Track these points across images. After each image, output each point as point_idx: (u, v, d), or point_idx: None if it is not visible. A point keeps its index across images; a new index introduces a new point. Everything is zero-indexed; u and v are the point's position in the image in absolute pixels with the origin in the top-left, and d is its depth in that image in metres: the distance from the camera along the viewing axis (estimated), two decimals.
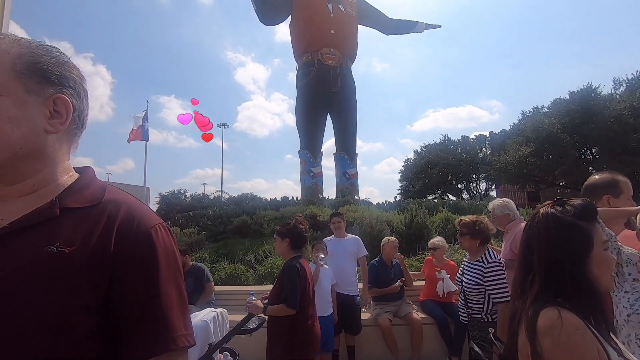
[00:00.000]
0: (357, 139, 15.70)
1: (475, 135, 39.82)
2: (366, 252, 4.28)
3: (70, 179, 0.75)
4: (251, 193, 35.74)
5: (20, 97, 0.65)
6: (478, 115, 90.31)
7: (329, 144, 30.06)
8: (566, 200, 1.07)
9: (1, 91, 0.63)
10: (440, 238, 4.71)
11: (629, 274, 1.68)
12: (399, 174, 41.58)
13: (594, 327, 0.89)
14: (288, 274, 2.53)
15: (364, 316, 4.30)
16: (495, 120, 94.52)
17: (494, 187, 38.03)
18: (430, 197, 35.88)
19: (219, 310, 3.61)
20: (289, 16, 15.50)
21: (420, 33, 18.06)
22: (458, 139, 38.81)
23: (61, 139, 0.73)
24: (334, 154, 15.43)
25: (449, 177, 37.55)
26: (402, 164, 42.10)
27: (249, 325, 2.62)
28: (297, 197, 14.62)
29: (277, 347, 2.48)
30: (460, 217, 3.19)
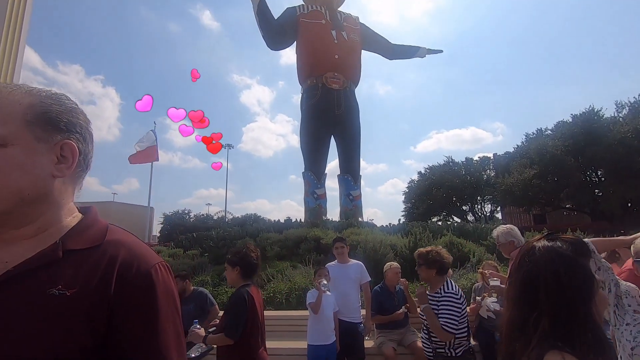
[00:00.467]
0: (361, 160, 15.80)
1: (479, 157, 39.84)
2: (369, 278, 4.24)
3: (73, 220, 0.77)
4: (255, 214, 35.74)
5: (30, 145, 0.69)
6: (481, 137, 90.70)
7: (332, 164, 30.15)
8: (558, 235, 1.04)
9: (13, 140, 0.67)
10: None
11: (629, 305, 1.66)
12: (403, 196, 41.44)
13: None
14: (234, 303, 2.52)
15: (368, 344, 4.21)
16: (499, 142, 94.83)
17: (499, 209, 37.68)
18: (435, 219, 35.60)
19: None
20: (295, 42, 15.96)
21: (423, 58, 18.45)
22: (462, 161, 38.82)
23: (67, 182, 0.76)
24: (338, 175, 15.49)
25: (454, 198, 37.32)
26: (406, 185, 42.03)
27: (190, 353, 2.63)
28: (300, 219, 14.58)
29: None
30: (419, 249, 3.19)
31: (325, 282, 3.67)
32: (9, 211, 0.68)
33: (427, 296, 2.96)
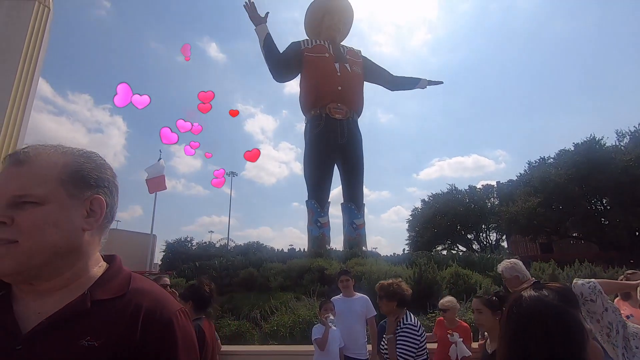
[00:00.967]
0: (364, 187, 15.88)
1: (482, 185, 39.87)
2: (375, 312, 4.18)
3: (99, 270, 0.83)
4: (257, 242, 35.54)
5: (64, 202, 0.75)
6: (484, 164, 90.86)
7: (335, 192, 30.20)
8: (545, 284, 1.04)
9: (49, 199, 0.74)
10: (450, 298, 4.58)
11: (636, 347, 1.65)
12: (407, 224, 41.15)
13: None
14: None
15: None
16: (502, 170, 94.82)
17: (504, 237, 37.25)
18: (439, 248, 35.14)
19: None
20: (299, 74, 16.50)
21: (424, 89, 18.94)
22: (465, 189, 38.81)
23: (94, 233, 0.82)
24: (342, 204, 15.52)
25: (458, 227, 37.01)
26: (410, 213, 41.84)
27: None
28: (303, 248, 14.49)
29: None
30: (380, 281, 3.24)
31: (331, 317, 3.63)
32: (44, 265, 0.73)
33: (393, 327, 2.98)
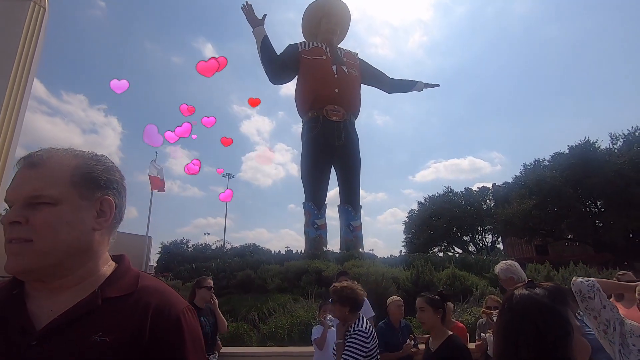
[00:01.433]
0: (360, 189, 15.92)
1: (478, 187, 40.05)
2: (373, 313, 4.21)
3: (109, 269, 0.86)
4: (254, 244, 35.46)
5: (75, 203, 0.78)
6: (480, 166, 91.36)
7: (332, 193, 30.19)
8: (538, 283, 1.08)
9: (62, 200, 0.76)
10: None
11: (633, 345, 1.69)
12: (403, 225, 41.24)
13: None
14: None
15: None
16: (497, 172, 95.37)
17: (500, 239, 37.43)
18: (436, 250, 35.27)
19: None
20: (296, 76, 16.53)
21: (420, 92, 19.06)
22: (461, 191, 38.97)
23: (104, 233, 0.85)
24: (338, 206, 15.54)
25: (454, 229, 37.16)
26: (406, 215, 41.94)
27: None
28: (300, 249, 14.49)
29: None
30: (334, 284, 3.10)
31: (330, 317, 3.65)
32: (57, 264, 0.76)
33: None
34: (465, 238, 38.55)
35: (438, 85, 19.28)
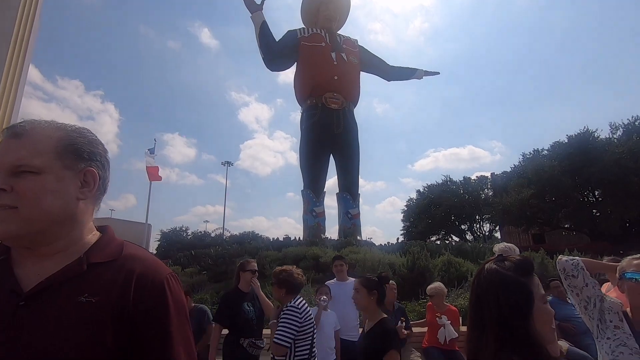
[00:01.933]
0: (359, 178, 15.96)
1: (477, 176, 40.09)
2: None
3: (93, 237, 0.89)
4: (253, 231, 35.66)
5: (60, 173, 0.80)
6: (479, 155, 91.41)
7: (330, 182, 30.15)
8: (507, 256, 1.13)
9: (46, 169, 0.78)
10: (436, 284, 4.67)
11: (610, 321, 1.74)
12: (402, 214, 41.45)
13: None
14: None
15: None
16: (497, 161, 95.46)
17: (497, 228, 37.65)
18: (434, 238, 35.51)
19: None
20: (295, 63, 16.38)
21: (420, 79, 18.94)
22: (460, 180, 39.02)
23: (88, 203, 0.87)
24: (337, 193, 15.60)
25: (452, 217, 37.34)
26: (405, 203, 42.10)
27: None
28: (299, 237, 14.61)
29: None
30: (276, 267, 3.20)
31: (325, 297, 3.72)
32: (42, 231, 0.78)
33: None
34: (463, 227, 38.78)
35: (438, 73, 19.16)
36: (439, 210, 36.13)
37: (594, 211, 27.02)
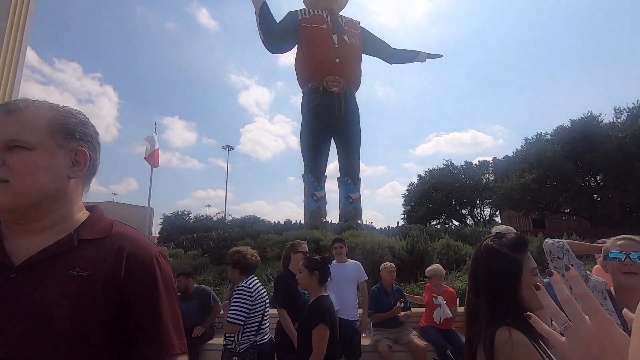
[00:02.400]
0: (360, 162, 15.95)
1: (478, 161, 40.00)
2: (367, 277, 4.37)
3: (83, 216, 0.91)
4: (254, 215, 35.89)
5: (52, 150, 0.83)
6: (482, 140, 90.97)
7: (332, 166, 30.18)
8: (504, 234, 1.24)
9: (39, 146, 0.81)
10: (435, 265, 4.76)
11: None
12: (402, 199, 41.59)
13: (535, 342, 1.05)
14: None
15: (364, 342, 4.32)
16: (500, 146, 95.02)
17: (498, 213, 37.80)
18: (434, 223, 35.70)
19: None
20: (295, 45, 16.13)
21: (423, 62, 18.65)
22: (461, 165, 38.97)
23: (78, 183, 0.90)
24: (338, 178, 15.63)
25: (453, 202, 37.47)
26: (406, 188, 42.20)
27: None
28: (300, 220, 14.73)
29: None
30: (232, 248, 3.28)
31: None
32: (32, 205, 0.80)
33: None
34: (463, 211, 38.95)
35: (441, 55, 18.84)
36: (440, 194, 36.22)
37: (594, 196, 27.04)
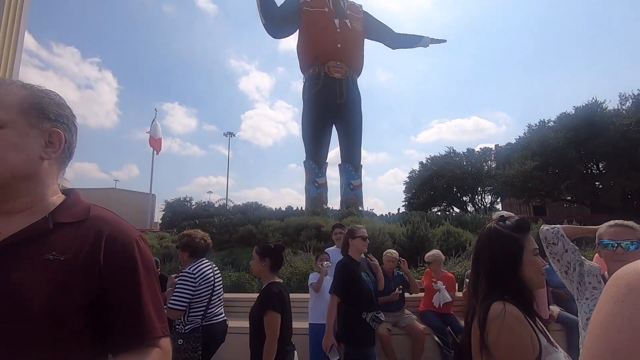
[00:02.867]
0: (362, 149, 15.89)
1: (480, 148, 39.78)
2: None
3: (58, 199, 0.89)
4: (256, 202, 36.06)
5: (23, 130, 0.80)
6: (484, 127, 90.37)
7: (333, 153, 30.10)
8: (507, 216, 1.30)
9: (9, 124, 0.78)
10: (435, 251, 4.82)
11: (589, 282, 1.87)
12: (404, 186, 41.59)
13: (529, 318, 1.11)
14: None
15: None
16: (503, 133, 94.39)
17: (499, 200, 37.83)
18: (435, 210, 35.80)
19: None
20: (297, 29, 15.88)
21: (426, 47, 18.37)
22: (463, 152, 38.79)
23: (52, 165, 0.87)
24: (339, 164, 15.60)
25: (454, 189, 37.46)
26: (407, 175, 42.13)
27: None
28: (301, 207, 14.78)
29: None
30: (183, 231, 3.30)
31: (327, 263, 3.88)
32: (2, 185, 0.77)
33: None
34: (464, 198, 38.97)
35: (445, 40, 18.53)
36: (441, 181, 36.17)
37: (596, 183, 26.96)
